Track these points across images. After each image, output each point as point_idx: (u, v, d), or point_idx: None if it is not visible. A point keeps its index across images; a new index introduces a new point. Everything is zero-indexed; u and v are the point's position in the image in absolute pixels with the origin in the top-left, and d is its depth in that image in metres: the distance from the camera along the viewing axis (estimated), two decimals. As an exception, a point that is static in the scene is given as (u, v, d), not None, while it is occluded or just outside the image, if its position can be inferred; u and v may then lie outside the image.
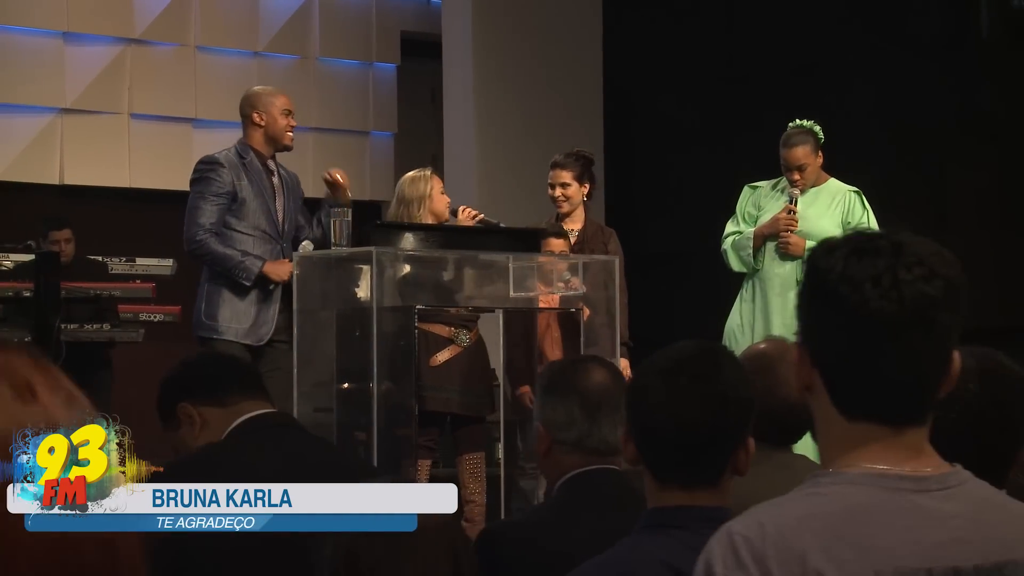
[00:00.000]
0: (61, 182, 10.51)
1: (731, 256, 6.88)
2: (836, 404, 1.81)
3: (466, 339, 6.66)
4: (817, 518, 1.73)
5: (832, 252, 1.79)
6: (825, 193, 6.99)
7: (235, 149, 6.61)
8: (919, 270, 1.76)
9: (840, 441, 1.81)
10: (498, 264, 6.55)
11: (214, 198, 6.46)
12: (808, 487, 1.78)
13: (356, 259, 6.25)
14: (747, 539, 1.72)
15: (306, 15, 11.49)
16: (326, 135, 11.52)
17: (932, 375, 1.79)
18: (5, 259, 8.79)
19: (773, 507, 1.77)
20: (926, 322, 1.76)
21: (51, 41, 10.48)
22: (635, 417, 2.49)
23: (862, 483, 1.76)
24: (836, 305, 1.78)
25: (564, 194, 7.08)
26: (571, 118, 10.34)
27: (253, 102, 6.66)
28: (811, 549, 1.70)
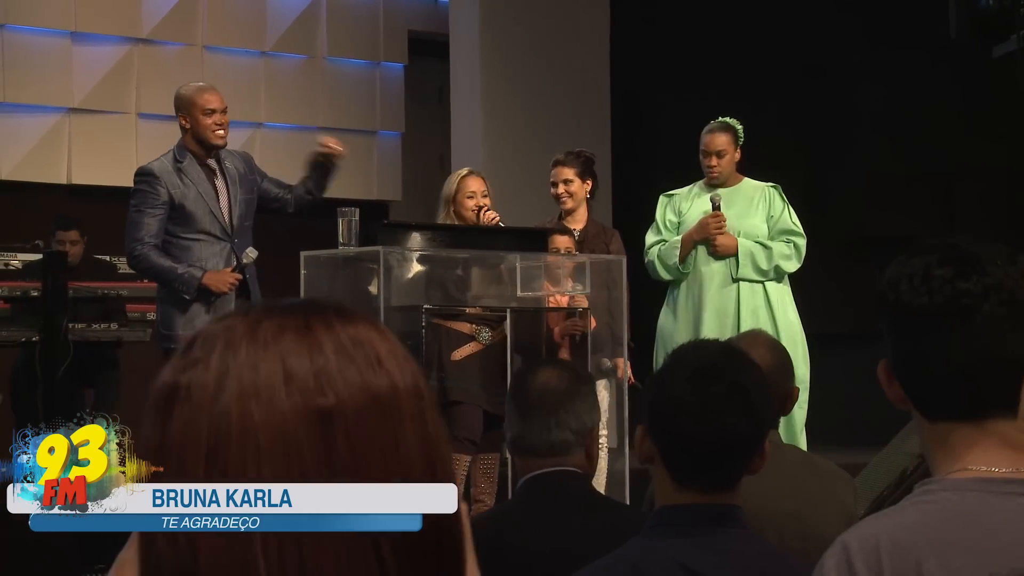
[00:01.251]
0: (69, 182, 10.52)
1: (658, 266, 6.90)
2: (917, 408, 1.83)
3: (487, 337, 6.66)
4: (929, 526, 1.74)
5: (892, 261, 1.84)
6: (742, 192, 7.00)
7: (172, 153, 6.52)
8: (956, 266, 1.77)
9: (933, 444, 1.82)
10: (506, 264, 6.55)
11: (150, 210, 6.39)
12: (917, 496, 1.79)
13: (364, 259, 6.24)
14: (862, 550, 1.73)
15: (313, 15, 11.50)
16: (333, 134, 11.45)
17: (988, 366, 1.79)
18: (13, 259, 8.81)
19: (884, 518, 1.79)
20: (960, 313, 1.76)
21: (59, 41, 10.49)
22: (661, 421, 2.48)
23: (970, 488, 1.76)
24: (882, 307, 1.82)
25: (567, 191, 7.08)
26: (578, 118, 10.33)
27: (177, 104, 6.58)
28: (926, 558, 1.71)
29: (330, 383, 1.12)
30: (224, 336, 1.14)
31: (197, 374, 1.14)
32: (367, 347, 1.15)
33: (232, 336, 1.14)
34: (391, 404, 1.14)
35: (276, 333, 1.14)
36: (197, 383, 1.13)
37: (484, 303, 6.69)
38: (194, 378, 1.14)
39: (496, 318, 6.67)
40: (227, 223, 6.46)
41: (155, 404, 1.16)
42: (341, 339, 1.14)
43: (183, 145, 6.50)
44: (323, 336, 1.14)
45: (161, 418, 1.15)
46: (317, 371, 1.13)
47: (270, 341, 1.13)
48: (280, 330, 1.14)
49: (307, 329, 1.14)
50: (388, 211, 11.66)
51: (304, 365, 1.12)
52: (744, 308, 6.78)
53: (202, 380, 1.13)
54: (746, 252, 6.79)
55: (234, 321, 1.15)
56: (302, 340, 1.13)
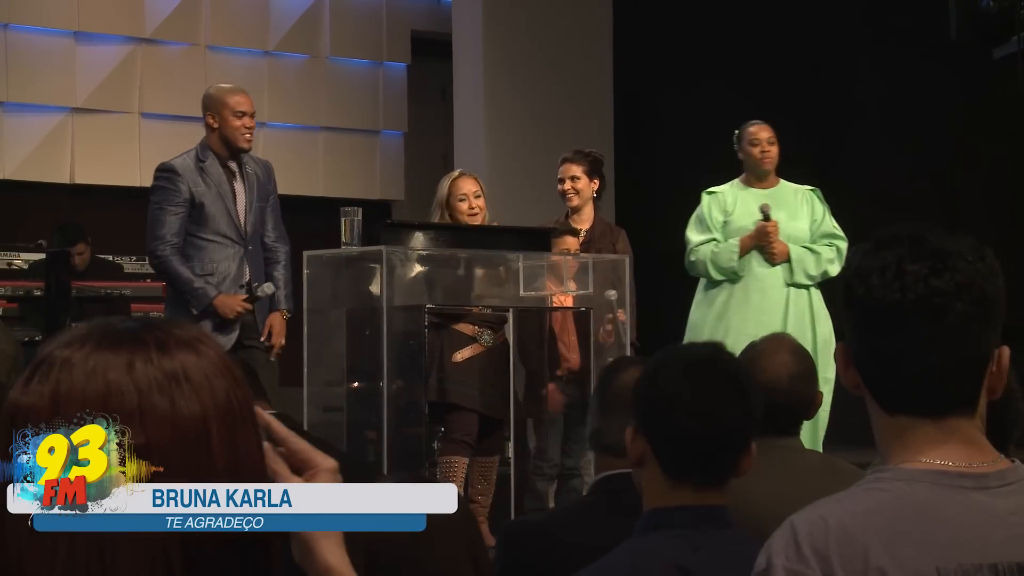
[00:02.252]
0: (72, 181, 10.53)
1: (710, 267, 6.82)
2: (875, 398, 1.82)
3: (489, 339, 6.64)
4: (879, 514, 1.73)
5: (857, 250, 1.82)
6: (785, 195, 6.98)
7: (195, 151, 6.49)
8: (929, 262, 1.76)
9: (887, 435, 1.82)
10: (509, 263, 6.55)
11: (172, 207, 6.36)
12: (869, 483, 1.79)
13: (366, 258, 6.24)
14: (810, 533, 1.72)
15: (316, 14, 11.50)
16: (336, 134, 11.53)
17: (955, 365, 1.78)
18: (16, 258, 8.82)
19: (835, 502, 1.78)
20: (932, 311, 1.75)
21: (62, 41, 10.50)
22: (654, 416, 2.48)
23: (923, 480, 1.76)
24: (850, 298, 1.80)
25: (574, 187, 7.07)
26: (581, 117, 10.33)
27: (207, 103, 6.53)
28: (873, 545, 1.71)
29: (143, 421, 1.21)
30: (60, 367, 1.24)
31: (35, 400, 1.23)
32: (181, 378, 1.24)
33: (66, 368, 1.23)
34: (199, 436, 1.23)
35: (104, 368, 1.22)
36: (35, 409, 1.22)
37: (487, 303, 6.68)
38: (33, 403, 1.23)
39: (498, 319, 6.66)
40: (242, 227, 6.44)
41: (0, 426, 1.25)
42: (158, 373, 1.23)
43: (206, 145, 6.47)
44: (142, 371, 1.23)
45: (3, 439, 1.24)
46: (132, 410, 1.21)
47: (98, 375, 1.22)
48: (106, 367, 1.22)
49: (130, 366, 1.22)
50: (391, 211, 11.66)
51: (125, 401, 1.21)
52: (791, 313, 6.79)
53: (39, 406, 1.22)
54: (798, 258, 6.81)
55: (71, 352, 1.24)
56: (125, 374, 1.22)
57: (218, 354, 1.28)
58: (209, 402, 1.23)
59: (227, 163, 6.47)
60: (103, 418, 1.21)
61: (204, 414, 1.23)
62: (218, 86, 6.72)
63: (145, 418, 1.21)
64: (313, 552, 1.40)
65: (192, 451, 1.22)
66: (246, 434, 1.26)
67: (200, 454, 1.22)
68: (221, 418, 1.24)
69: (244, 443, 1.26)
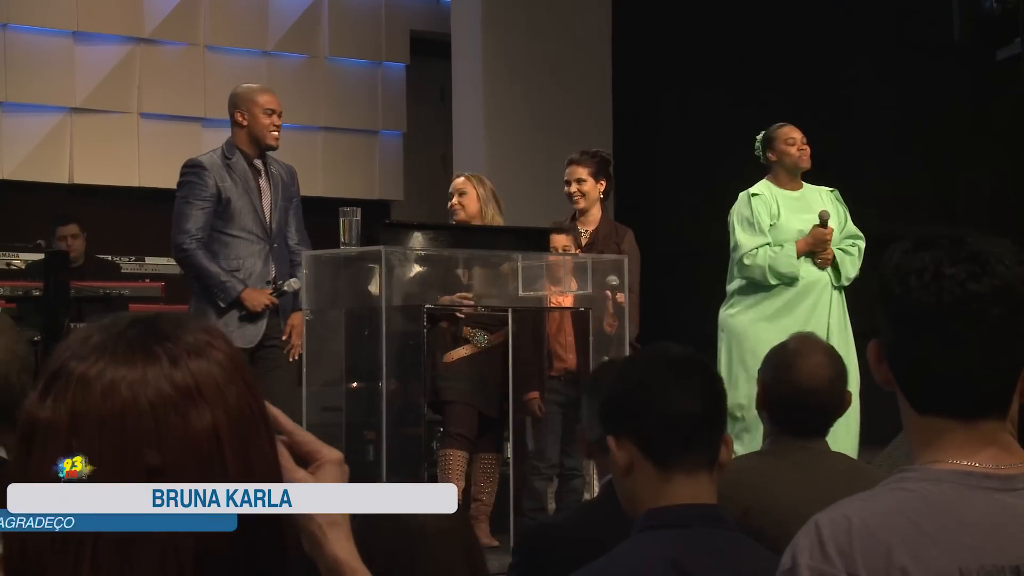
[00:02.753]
0: (71, 181, 10.52)
1: (768, 273, 6.83)
2: (907, 398, 1.83)
3: (484, 340, 6.64)
4: (903, 514, 1.74)
5: (895, 249, 1.82)
6: (810, 197, 7.03)
7: (222, 149, 6.56)
8: (967, 266, 1.76)
9: (918, 435, 1.82)
10: (508, 264, 6.54)
11: (199, 203, 6.41)
12: (894, 483, 1.79)
13: (365, 258, 6.24)
14: (834, 532, 1.73)
15: (315, 14, 11.50)
16: (335, 134, 11.53)
17: (990, 370, 1.78)
18: (15, 258, 8.81)
19: (859, 502, 1.78)
20: (970, 316, 1.75)
21: (61, 41, 10.49)
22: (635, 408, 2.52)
23: (948, 480, 1.76)
24: (887, 297, 1.81)
25: (580, 190, 7.08)
26: (580, 117, 10.33)
27: (236, 101, 6.60)
28: (896, 544, 1.71)
29: (160, 441, 1.21)
30: (77, 384, 1.23)
31: (52, 416, 1.22)
32: (194, 392, 1.24)
33: (82, 385, 1.23)
34: (212, 450, 1.23)
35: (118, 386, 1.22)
36: (53, 424, 1.22)
37: (486, 303, 6.68)
38: (51, 419, 1.22)
39: (495, 321, 6.66)
40: (268, 224, 6.51)
41: (19, 435, 1.25)
42: (170, 389, 1.23)
43: (233, 143, 6.54)
44: (155, 388, 1.23)
45: (23, 451, 1.24)
46: (148, 432, 1.22)
47: (113, 395, 1.22)
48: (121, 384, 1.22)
49: (143, 383, 1.22)
50: (390, 211, 11.65)
51: (142, 422, 1.21)
52: (833, 314, 6.85)
53: (57, 423, 1.22)
54: (842, 262, 6.89)
55: (86, 367, 1.24)
56: (140, 393, 1.22)
57: (228, 356, 1.28)
58: (221, 413, 1.24)
59: (253, 161, 6.55)
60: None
61: (216, 426, 1.24)
62: (246, 85, 6.84)
63: (161, 439, 1.21)
64: (321, 545, 1.43)
65: (206, 465, 1.23)
66: (258, 439, 1.27)
67: (213, 467, 1.23)
68: (233, 427, 1.25)
69: (257, 449, 1.27)
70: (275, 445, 1.30)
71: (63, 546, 1.20)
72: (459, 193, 6.84)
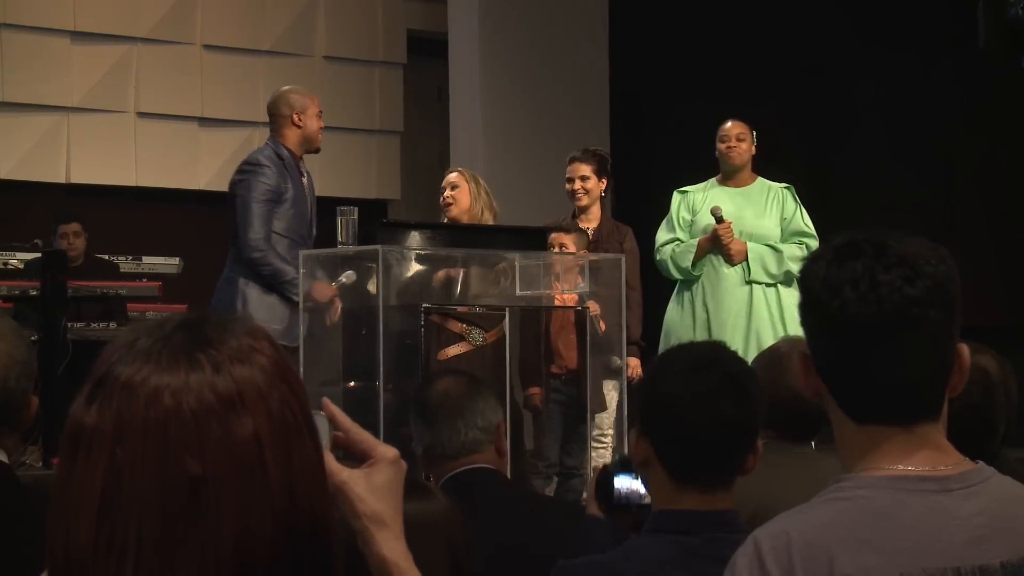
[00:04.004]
0: (68, 181, 10.52)
1: (670, 266, 6.99)
2: (843, 409, 1.81)
3: (479, 338, 6.64)
4: (842, 524, 1.73)
5: (817, 259, 1.80)
6: (756, 192, 7.06)
7: (272, 149, 6.58)
8: (899, 271, 1.75)
9: (855, 445, 1.81)
10: (506, 263, 6.54)
11: (264, 202, 6.46)
12: (831, 493, 1.78)
13: (362, 258, 6.23)
14: (773, 548, 1.72)
15: (312, 13, 11.49)
16: (332, 134, 11.47)
17: (929, 372, 1.78)
18: (12, 258, 8.80)
19: (797, 515, 1.77)
20: (911, 321, 1.74)
21: (58, 40, 10.48)
22: (657, 417, 2.47)
23: (884, 486, 1.75)
24: (821, 311, 1.78)
25: (584, 187, 7.09)
26: (578, 117, 10.32)
27: (291, 102, 6.65)
28: (838, 555, 1.70)
29: (202, 451, 1.21)
30: (121, 390, 1.23)
31: (98, 422, 1.22)
32: (236, 400, 1.23)
33: (127, 392, 1.22)
34: (253, 459, 1.22)
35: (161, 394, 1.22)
36: (98, 431, 1.22)
37: (484, 302, 6.68)
38: (97, 425, 1.22)
39: (493, 319, 6.66)
40: (311, 227, 6.57)
41: (65, 439, 1.25)
42: (213, 398, 1.23)
43: (280, 143, 6.55)
44: (198, 397, 1.22)
45: (68, 456, 1.24)
46: (191, 441, 1.21)
47: (157, 403, 1.22)
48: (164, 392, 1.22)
49: (186, 392, 1.22)
50: (387, 210, 11.65)
51: (184, 431, 1.21)
52: (755, 311, 6.83)
53: (102, 429, 1.22)
54: (756, 256, 6.87)
55: (131, 374, 1.23)
56: (182, 402, 1.22)
57: (272, 360, 1.28)
58: (263, 420, 1.24)
59: (298, 163, 6.57)
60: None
61: (258, 434, 1.24)
62: (293, 88, 6.89)
63: (203, 447, 1.21)
64: (370, 545, 1.46)
65: (247, 475, 1.22)
66: (302, 447, 1.26)
67: (255, 476, 1.23)
68: (276, 435, 1.25)
69: (300, 457, 1.26)
70: (320, 450, 1.29)
71: (106, 551, 1.20)
72: (451, 186, 6.85)
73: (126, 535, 1.20)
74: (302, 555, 1.25)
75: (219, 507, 1.21)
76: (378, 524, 1.47)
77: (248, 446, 1.22)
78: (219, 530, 1.20)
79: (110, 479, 1.20)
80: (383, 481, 1.50)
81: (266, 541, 1.22)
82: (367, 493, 1.49)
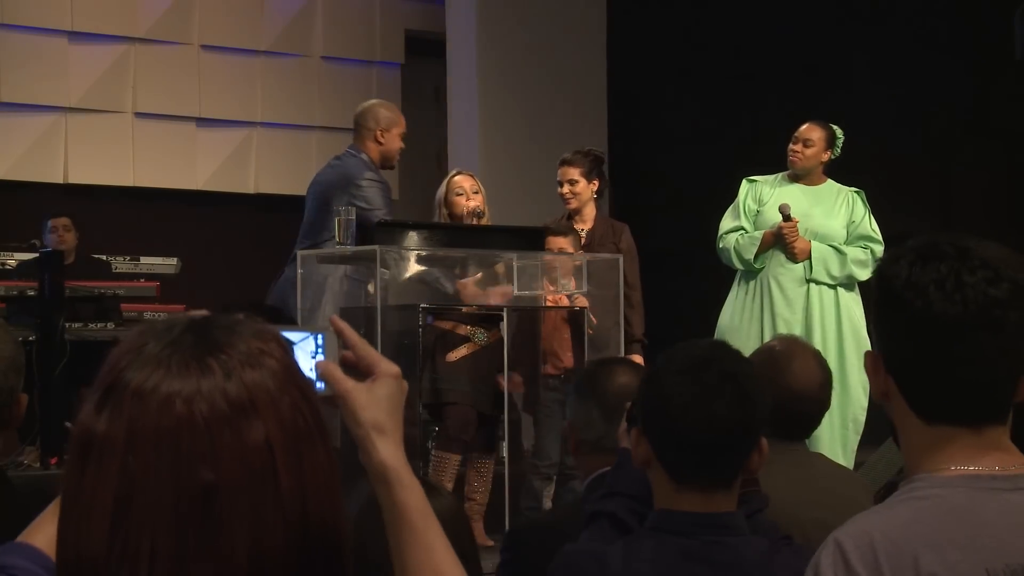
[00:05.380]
0: (65, 181, 10.51)
1: (733, 255, 6.95)
2: (914, 409, 1.83)
3: (483, 338, 6.65)
4: (923, 523, 1.75)
5: (899, 260, 1.82)
6: (826, 193, 7.07)
7: (366, 163, 6.65)
8: (983, 273, 1.77)
9: (923, 445, 1.82)
10: (503, 263, 6.53)
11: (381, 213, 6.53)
12: (905, 493, 1.80)
13: (360, 257, 6.23)
14: (857, 547, 1.74)
15: (310, 14, 11.48)
16: (330, 134, 11.49)
17: (1006, 375, 1.80)
18: (9, 258, 8.79)
19: (875, 515, 1.80)
20: (993, 323, 1.77)
21: (55, 40, 10.47)
22: (655, 418, 2.45)
23: (957, 485, 1.78)
24: (903, 311, 1.80)
25: (572, 191, 7.08)
26: (575, 117, 10.32)
27: (378, 118, 6.74)
28: (922, 553, 1.72)
29: (215, 459, 1.21)
30: (133, 398, 1.22)
31: (109, 430, 1.22)
32: (248, 406, 1.23)
33: (138, 400, 1.22)
34: (264, 465, 1.22)
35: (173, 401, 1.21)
36: (110, 439, 1.21)
37: (481, 302, 6.68)
38: (108, 433, 1.21)
39: (492, 318, 6.66)
40: None
41: (74, 446, 1.24)
42: (224, 405, 1.22)
43: (363, 152, 6.62)
44: (210, 404, 1.22)
45: (78, 464, 1.23)
46: (203, 449, 1.21)
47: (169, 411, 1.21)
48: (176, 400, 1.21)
49: (198, 398, 1.21)
50: (385, 210, 11.63)
51: (196, 439, 1.21)
52: (813, 311, 6.83)
53: (114, 437, 1.21)
54: (819, 256, 6.87)
55: (142, 379, 1.23)
56: (194, 409, 1.21)
57: (282, 363, 1.27)
58: (274, 425, 1.24)
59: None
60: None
61: (270, 440, 1.23)
62: (382, 103, 7.07)
63: (217, 456, 1.21)
64: (371, 451, 1.51)
65: (259, 483, 1.22)
66: (312, 451, 1.26)
67: (267, 484, 1.22)
68: (287, 439, 1.24)
69: (311, 462, 1.26)
70: (331, 454, 1.29)
71: (120, 560, 1.19)
72: (472, 191, 6.84)
73: (139, 544, 1.19)
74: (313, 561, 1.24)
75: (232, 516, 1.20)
76: (379, 431, 1.52)
77: (260, 453, 1.22)
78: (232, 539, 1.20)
79: (123, 488, 1.20)
80: (385, 393, 1.56)
81: (278, 548, 1.22)
82: (370, 403, 1.54)
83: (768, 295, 6.88)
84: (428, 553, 1.50)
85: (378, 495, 1.53)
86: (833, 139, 7.07)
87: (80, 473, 1.22)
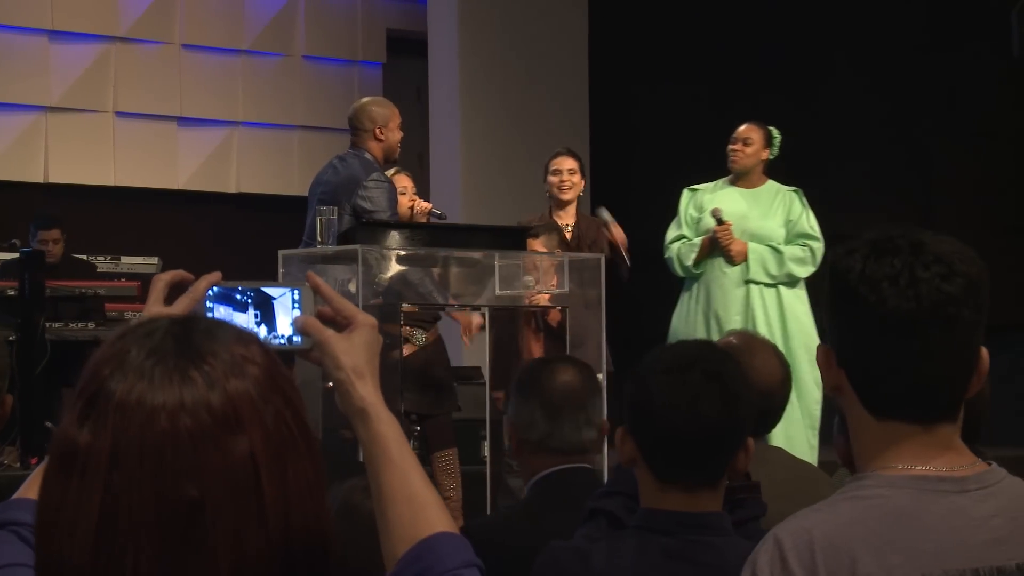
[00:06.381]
0: (46, 180, 10.49)
1: (676, 264, 7.09)
2: (865, 404, 1.81)
3: (421, 338, 6.68)
4: (864, 524, 1.73)
5: (852, 253, 1.80)
6: (764, 194, 7.11)
7: (369, 163, 6.61)
8: (937, 268, 1.75)
9: (873, 441, 1.81)
10: (484, 262, 6.54)
11: (390, 215, 6.51)
12: (850, 491, 1.78)
13: (342, 257, 6.22)
14: (795, 546, 1.72)
15: (291, 13, 11.48)
16: (311, 133, 11.50)
17: (957, 372, 1.79)
18: (-10, 257, 8.77)
19: (817, 513, 1.77)
20: (946, 319, 1.75)
21: (36, 39, 10.46)
22: (640, 417, 2.45)
23: (903, 486, 1.76)
24: (856, 305, 1.78)
25: (571, 180, 7.13)
26: (557, 116, 10.33)
27: (374, 116, 6.69)
28: (861, 555, 1.70)
29: (200, 474, 1.19)
30: (115, 410, 1.20)
31: (92, 442, 1.20)
32: (231, 419, 1.22)
33: (121, 412, 1.20)
34: (248, 478, 1.21)
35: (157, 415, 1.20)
36: (94, 452, 1.20)
37: (463, 302, 6.68)
38: (91, 445, 1.20)
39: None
40: None
41: (54, 457, 1.22)
42: (208, 418, 1.21)
43: (366, 153, 6.59)
44: (194, 418, 1.20)
45: (59, 476, 1.21)
46: (188, 465, 1.19)
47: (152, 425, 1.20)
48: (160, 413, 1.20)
49: (182, 411, 1.20)
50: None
51: (180, 455, 1.19)
52: (755, 311, 6.88)
53: (97, 450, 1.19)
54: (756, 257, 6.93)
55: (125, 390, 1.21)
56: (178, 423, 1.20)
57: (265, 369, 1.26)
58: (259, 438, 1.23)
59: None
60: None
61: (253, 452, 1.22)
62: (373, 100, 6.98)
63: (201, 471, 1.20)
64: (350, 393, 1.62)
65: (242, 496, 1.21)
66: (297, 460, 1.25)
67: (250, 495, 1.21)
68: (271, 453, 1.23)
69: (295, 472, 1.24)
70: (317, 464, 1.28)
71: (106, 560, 1.19)
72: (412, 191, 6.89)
73: (124, 559, 1.18)
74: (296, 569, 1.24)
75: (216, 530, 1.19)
76: (358, 375, 1.63)
77: (243, 466, 1.21)
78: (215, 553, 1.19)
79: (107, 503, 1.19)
80: (362, 341, 1.67)
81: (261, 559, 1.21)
82: (349, 349, 1.65)
83: (708, 298, 6.97)
84: (404, 479, 1.59)
85: (357, 433, 1.63)
86: (770, 139, 7.11)
87: (63, 485, 1.21)
